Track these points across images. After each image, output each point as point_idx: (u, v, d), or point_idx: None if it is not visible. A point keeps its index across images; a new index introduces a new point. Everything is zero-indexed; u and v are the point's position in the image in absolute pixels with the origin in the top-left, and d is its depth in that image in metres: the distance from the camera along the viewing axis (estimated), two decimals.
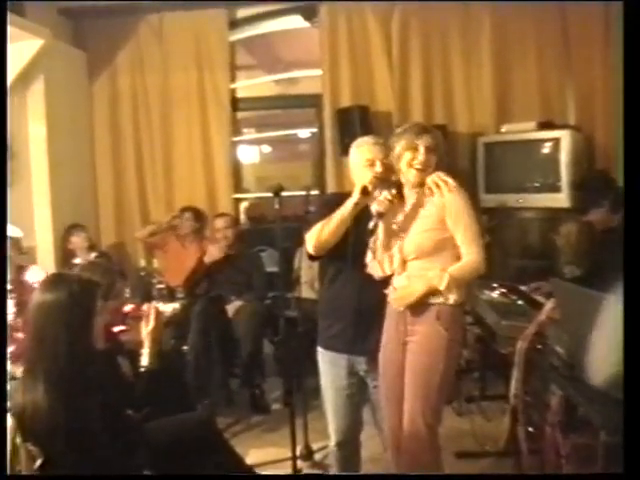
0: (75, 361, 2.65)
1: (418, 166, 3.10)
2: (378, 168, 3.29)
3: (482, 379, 5.22)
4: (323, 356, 3.56)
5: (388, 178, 3.24)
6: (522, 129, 6.04)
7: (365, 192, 3.18)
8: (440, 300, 3.04)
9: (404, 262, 3.14)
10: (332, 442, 3.59)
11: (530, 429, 3.40)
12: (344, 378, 3.47)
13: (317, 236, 3.31)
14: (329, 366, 3.52)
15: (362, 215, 3.22)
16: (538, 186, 5.88)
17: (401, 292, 3.12)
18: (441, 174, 3.09)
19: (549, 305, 3.27)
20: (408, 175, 3.14)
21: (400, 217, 3.17)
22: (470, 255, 3.03)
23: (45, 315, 2.67)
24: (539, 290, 4.17)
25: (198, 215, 6.17)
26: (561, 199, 5.66)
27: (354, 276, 3.33)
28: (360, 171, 3.38)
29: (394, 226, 3.16)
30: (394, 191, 3.14)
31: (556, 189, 5.70)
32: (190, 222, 6.14)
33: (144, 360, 3.06)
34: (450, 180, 3.06)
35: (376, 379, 3.36)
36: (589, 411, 2.65)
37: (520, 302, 4.10)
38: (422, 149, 3.10)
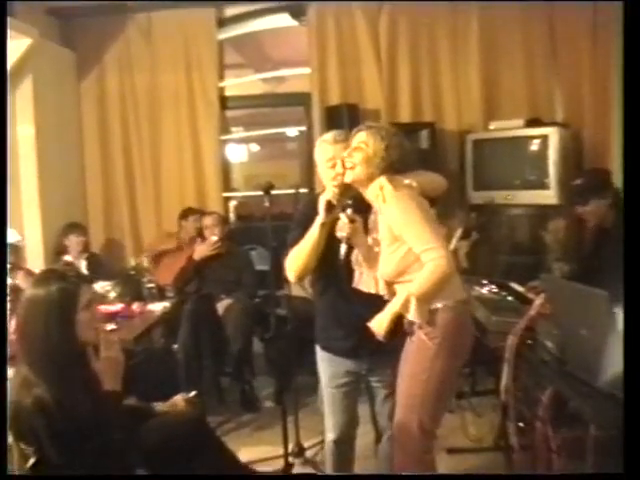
0: (60, 357, 2.68)
1: (346, 164, 3.01)
2: (339, 169, 3.10)
3: (473, 375, 5.24)
4: (321, 354, 3.49)
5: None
6: (510, 126, 6.05)
7: (330, 208, 3.07)
8: (417, 318, 2.89)
9: (389, 285, 3.03)
10: (329, 438, 3.53)
11: (520, 424, 3.41)
12: (343, 376, 3.41)
13: (295, 265, 3.23)
14: (327, 364, 3.46)
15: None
16: (526, 183, 5.91)
17: (374, 323, 3.00)
18: (378, 182, 2.94)
19: (539, 300, 3.27)
20: (345, 176, 3.04)
21: (374, 232, 3.06)
22: (429, 262, 2.79)
23: (33, 311, 2.70)
24: (535, 289, 4.14)
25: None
26: (549, 196, 5.69)
27: (346, 287, 3.21)
28: (323, 171, 3.27)
29: (370, 240, 3.07)
30: (349, 211, 3.00)
31: (544, 186, 5.73)
32: (194, 224, 6.21)
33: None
34: (385, 187, 2.90)
35: (379, 376, 3.36)
36: (579, 405, 2.67)
37: (510, 298, 4.12)
38: (352, 146, 3.02)
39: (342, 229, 2.99)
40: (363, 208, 3.06)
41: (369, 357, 3.31)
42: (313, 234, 3.12)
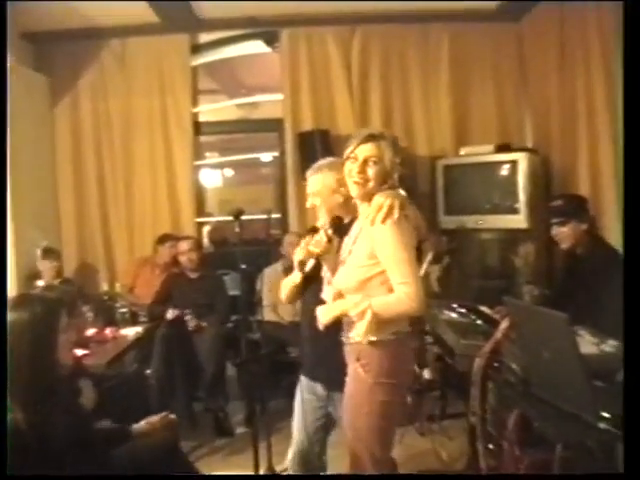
0: (42, 381, 2.69)
1: (355, 178, 2.87)
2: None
3: (443, 398, 5.26)
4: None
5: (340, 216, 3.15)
6: (480, 152, 6.16)
7: (302, 267, 3.16)
8: (358, 339, 2.84)
9: (340, 294, 2.98)
10: (293, 449, 3.60)
11: (490, 446, 3.44)
12: (306, 392, 3.49)
13: (283, 293, 3.44)
14: (302, 379, 3.56)
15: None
16: (497, 208, 5.98)
17: (321, 310, 3.00)
18: (380, 198, 2.82)
19: (505, 324, 3.31)
20: (351, 189, 2.93)
21: (346, 245, 3.02)
22: (398, 292, 2.74)
23: (10, 335, 2.70)
24: (500, 313, 4.16)
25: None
26: (519, 220, 5.77)
27: (309, 305, 3.30)
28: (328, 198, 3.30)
29: (341, 256, 3.02)
30: (330, 231, 3.00)
31: (514, 210, 5.81)
32: (171, 250, 6.25)
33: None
34: (385, 207, 2.78)
35: (333, 404, 3.37)
36: (544, 426, 2.71)
37: (479, 322, 4.16)
38: (360, 159, 2.87)
39: (317, 245, 3.00)
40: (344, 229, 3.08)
41: (322, 381, 3.40)
42: (289, 284, 3.34)
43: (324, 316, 2.98)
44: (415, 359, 4.81)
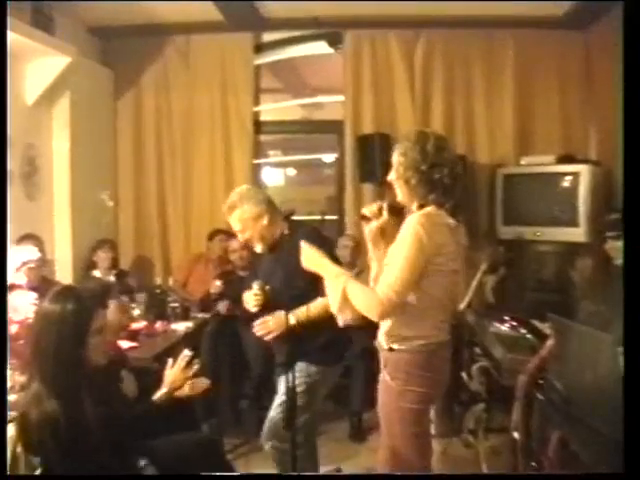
0: (72, 373, 2.71)
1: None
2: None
3: (488, 411, 5.17)
4: None
5: None
6: (542, 162, 6.05)
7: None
8: (384, 347, 2.85)
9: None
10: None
11: (532, 463, 3.37)
12: None
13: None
14: None
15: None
16: (556, 220, 5.86)
17: (310, 251, 2.94)
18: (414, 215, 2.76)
19: (551, 341, 3.25)
20: None
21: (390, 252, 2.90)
22: (377, 288, 2.69)
23: (47, 326, 2.74)
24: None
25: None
26: (579, 233, 5.65)
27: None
28: None
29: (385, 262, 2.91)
30: (386, 204, 2.90)
31: (574, 223, 5.69)
32: (221, 244, 6.29)
33: (157, 395, 3.13)
34: (414, 214, 2.75)
35: None
36: (581, 449, 2.65)
37: (529, 336, 4.09)
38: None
39: (369, 210, 2.94)
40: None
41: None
42: None
43: (309, 259, 2.93)
44: (463, 369, 4.77)
